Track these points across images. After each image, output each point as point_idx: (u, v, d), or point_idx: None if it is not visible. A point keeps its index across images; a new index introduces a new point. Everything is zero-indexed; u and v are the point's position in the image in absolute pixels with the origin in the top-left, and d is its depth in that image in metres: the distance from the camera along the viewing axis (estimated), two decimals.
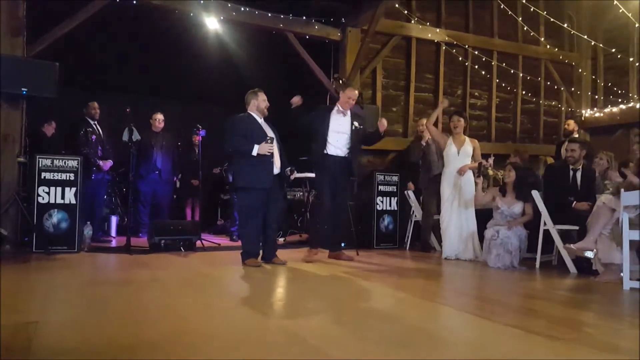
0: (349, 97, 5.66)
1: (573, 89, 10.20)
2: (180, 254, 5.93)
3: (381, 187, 7.29)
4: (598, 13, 9.69)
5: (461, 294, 4.15)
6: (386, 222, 7.29)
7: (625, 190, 4.41)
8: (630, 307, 3.63)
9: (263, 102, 5.25)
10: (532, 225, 5.58)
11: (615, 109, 9.41)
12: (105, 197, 7.72)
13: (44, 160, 5.79)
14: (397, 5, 8.12)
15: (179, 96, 9.87)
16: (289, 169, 5.39)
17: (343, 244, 6.68)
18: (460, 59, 9.19)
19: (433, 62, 9.10)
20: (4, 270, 4.40)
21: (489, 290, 4.37)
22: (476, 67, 9.30)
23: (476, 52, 9.24)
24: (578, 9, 10.05)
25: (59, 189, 5.83)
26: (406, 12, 8.57)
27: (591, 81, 10.08)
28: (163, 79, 9.00)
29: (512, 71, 9.56)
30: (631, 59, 9.04)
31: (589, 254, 4.66)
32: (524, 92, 9.82)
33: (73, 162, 5.92)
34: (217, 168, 8.74)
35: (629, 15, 7.95)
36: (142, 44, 8.12)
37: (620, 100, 9.36)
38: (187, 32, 7.71)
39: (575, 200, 5.35)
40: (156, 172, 7.73)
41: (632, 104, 9.12)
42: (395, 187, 7.41)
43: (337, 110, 5.71)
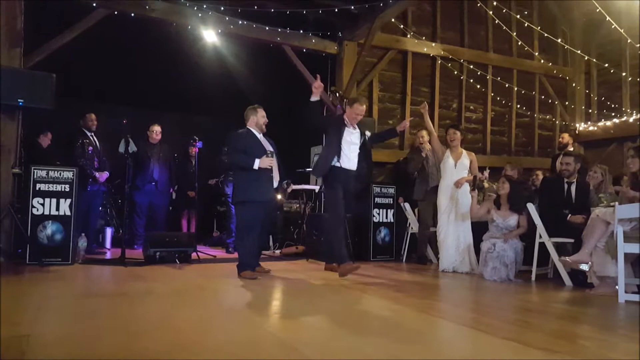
0: (357, 113, 5.45)
1: (567, 102, 10.28)
2: (176, 266, 5.90)
3: (377, 199, 7.29)
4: (591, 28, 9.80)
5: (458, 307, 4.15)
6: (382, 234, 7.28)
7: (620, 203, 4.44)
8: (626, 320, 3.63)
9: (262, 118, 5.34)
10: (527, 238, 5.59)
11: (609, 123, 9.49)
12: (101, 208, 7.70)
13: (39, 172, 5.76)
14: (393, 19, 8.19)
15: (176, 108, 9.87)
16: (285, 182, 5.51)
17: None
18: (456, 72, 9.26)
19: (429, 75, 9.17)
20: None
21: (486, 303, 4.36)
22: (471, 80, 9.37)
23: (471, 66, 9.31)
24: (571, 25, 10.17)
25: (53, 200, 5.80)
26: (402, 26, 8.65)
27: (585, 95, 10.16)
28: (160, 90, 9.00)
29: (506, 85, 9.64)
30: (624, 73, 9.13)
31: (584, 266, 4.67)
32: (518, 105, 9.89)
33: (68, 174, 5.89)
34: (213, 179, 8.73)
35: (621, 31, 8.03)
36: (139, 56, 8.13)
37: (613, 114, 9.43)
38: (185, 44, 7.74)
39: (569, 213, 5.37)
40: (152, 183, 7.70)
41: (625, 118, 9.20)
42: (391, 199, 7.41)
43: (346, 122, 5.51)
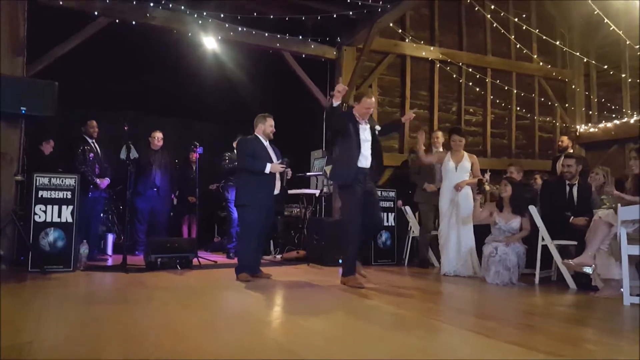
0: (366, 107, 5.16)
1: (567, 105, 10.29)
2: (177, 272, 5.90)
3: None
4: (590, 30, 9.82)
5: (460, 311, 4.13)
6: (384, 238, 7.27)
7: (622, 205, 4.43)
8: (631, 323, 3.62)
9: (269, 127, 5.51)
10: (530, 240, 5.58)
11: (609, 125, 9.49)
12: (102, 215, 7.70)
13: (41, 179, 5.77)
14: (391, 24, 8.21)
15: (177, 114, 9.88)
16: (285, 160, 5.57)
17: (340, 261, 6.68)
18: (455, 76, 9.27)
19: (428, 79, 9.19)
20: None
21: (488, 307, 4.35)
22: (470, 84, 9.38)
23: (470, 70, 9.33)
24: (570, 27, 10.20)
25: (55, 207, 5.80)
26: (400, 30, 8.68)
27: (585, 97, 10.18)
28: (161, 97, 9.02)
29: (506, 88, 9.66)
30: (623, 75, 9.15)
31: (588, 269, 4.66)
32: (518, 108, 9.90)
33: (70, 180, 5.90)
34: (214, 185, 8.72)
35: (620, 32, 8.05)
36: (140, 64, 8.15)
37: (614, 115, 9.44)
38: (186, 51, 7.77)
39: (572, 216, 5.37)
40: (154, 189, 7.71)
41: (626, 119, 9.20)
42: (392, 203, 7.41)
43: (358, 119, 5.21)
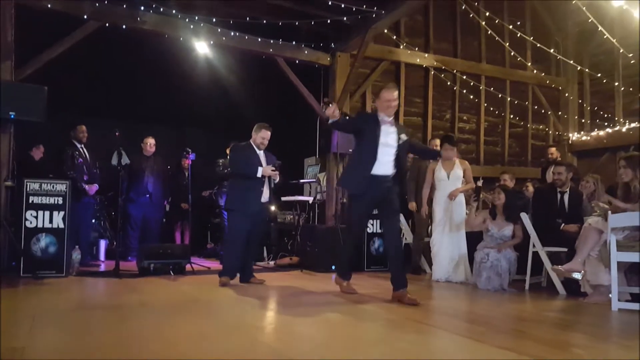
0: (388, 100, 4.59)
1: (560, 113, 10.34)
2: (170, 278, 5.88)
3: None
4: (584, 39, 9.90)
5: (452, 316, 4.14)
6: (377, 244, 7.26)
7: (613, 212, 4.46)
8: (620, 328, 3.64)
9: (260, 138, 5.56)
10: (521, 247, 5.60)
11: (602, 133, 9.54)
12: (94, 221, 7.68)
13: (31, 184, 5.75)
14: (385, 30, 8.24)
15: (168, 120, 9.87)
16: (278, 162, 5.65)
17: (333, 267, 6.68)
18: (449, 83, 9.31)
19: (422, 86, 9.22)
20: None
21: (479, 313, 4.35)
22: (464, 91, 9.42)
23: (464, 77, 9.37)
24: (564, 35, 10.26)
25: (47, 212, 5.78)
26: (395, 37, 8.71)
27: (578, 105, 10.23)
28: (152, 102, 9.01)
29: (500, 95, 9.70)
30: (616, 83, 9.21)
31: (577, 275, 4.67)
32: (511, 116, 9.95)
33: (61, 186, 5.88)
34: (207, 191, 8.72)
35: (614, 41, 8.11)
36: (131, 68, 8.15)
37: (606, 124, 9.50)
38: (177, 56, 7.77)
39: (563, 223, 5.40)
40: (147, 195, 7.69)
41: (618, 127, 9.26)
42: None
43: (382, 120, 4.66)
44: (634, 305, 4.22)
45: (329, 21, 7.38)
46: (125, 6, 6.75)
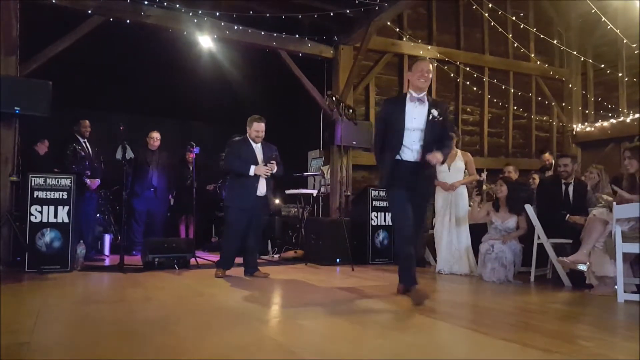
0: (422, 69, 4.15)
1: (564, 104, 10.30)
2: (174, 272, 5.90)
3: (375, 203, 7.28)
4: (587, 29, 9.84)
5: (457, 308, 4.14)
6: (381, 237, 7.27)
7: (618, 203, 4.44)
8: (625, 319, 3.64)
9: (254, 132, 5.61)
10: (526, 239, 5.60)
11: (605, 124, 9.51)
12: (99, 215, 7.69)
13: (36, 179, 5.76)
14: (388, 23, 8.20)
15: (172, 114, 9.89)
16: (275, 154, 5.69)
17: (338, 260, 6.69)
18: (452, 75, 9.28)
19: None
20: None
21: (485, 305, 4.35)
22: (468, 83, 9.39)
23: (468, 69, 9.33)
24: (567, 26, 10.21)
25: (51, 207, 5.79)
26: (398, 29, 8.67)
27: (581, 96, 10.19)
28: (156, 96, 9.02)
29: (503, 87, 9.66)
30: (620, 74, 9.16)
31: (582, 266, 4.67)
32: (515, 107, 9.91)
33: (66, 181, 5.88)
34: (211, 185, 8.73)
35: (617, 31, 8.06)
36: (135, 63, 8.15)
37: (610, 114, 9.46)
38: (181, 50, 7.75)
39: (568, 214, 5.39)
40: (151, 189, 7.71)
41: (622, 118, 9.22)
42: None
43: (410, 97, 4.19)
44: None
45: (332, 14, 7.34)
46: (129, 1, 6.73)
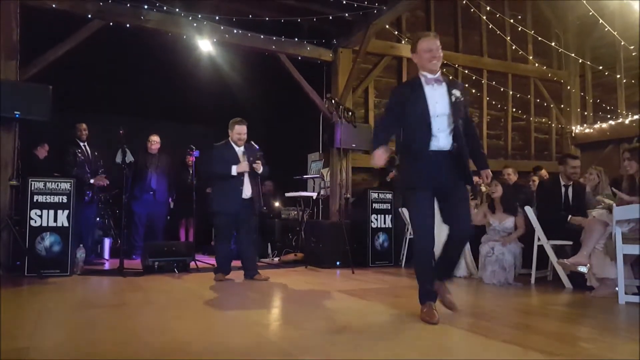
0: (429, 49, 3.54)
1: (562, 105, 10.31)
2: (174, 276, 5.89)
3: (375, 205, 7.29)
4: (585, 31, 9.86)
5: (457, 311, 4.13)
6: (381, 239, 7.27)
7: (618, 204, 4.45)
8: (626, 321, 3.63)
9: (236, 135, 5.61)
10: (526, 240, 5.59)
11: (604, 125, 9.52)
12: (99, 219, 7.69)
13: (36, 183, 5.76)
14: (387, 26, 8.22)
15: (172, 117, 9.88)
16: (259, 153, 5.70)
17: (338, 263, 6.69)
18: (451, 77, 9.26)
19: None
20: None
21: (485, 307, 4.35)
22: (466, 85, 9.36)
23: (466, 71, 9.35)
24: (565, 28, 10.23)
25: (51, 211, 5.79)
26: (396, 32, 8.69)
27: (580, 98, 10.21)
28: (156, 100, 9.02)
29: (502, 89, 9.68)
30: (618, 75, 9.18)
31: (583, 268, 4.66)
32: (514, 109, 9.92)
33: (66, 185, 5.88)
34: (211, 188, 8.71)
35: (615, 33, 8.08)
36: (135, 67, 8.15)
37: (609, 116, 9.47)
38: (181, 54, 7.76)
39: (568, 215, 5.39)
40: (151, 193, 7.70)
41: (621, 119, 9.23)
42: (389, 205, 7.41)
43: (426, 80, 3.58)
44: None
45: (330, 17, 7.35)
46: (129, 5, 6.75)
